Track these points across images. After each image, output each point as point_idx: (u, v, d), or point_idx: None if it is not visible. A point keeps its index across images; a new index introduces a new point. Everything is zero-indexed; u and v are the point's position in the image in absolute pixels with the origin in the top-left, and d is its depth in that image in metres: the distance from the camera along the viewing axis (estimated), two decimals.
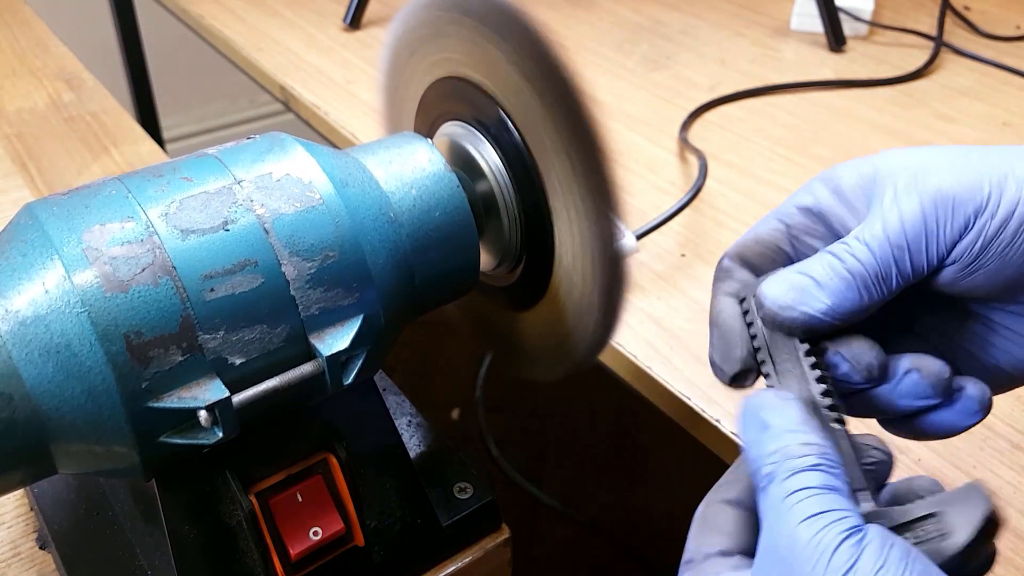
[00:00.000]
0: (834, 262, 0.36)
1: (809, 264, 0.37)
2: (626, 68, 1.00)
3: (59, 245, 0.35)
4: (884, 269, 0.36)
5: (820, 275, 0.36)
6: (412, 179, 0.43)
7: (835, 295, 0.36)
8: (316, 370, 0.38)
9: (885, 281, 0.36)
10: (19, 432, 0.34)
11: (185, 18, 1.19)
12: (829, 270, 0.36)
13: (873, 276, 0.36)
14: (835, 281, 0.36)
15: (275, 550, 0.40)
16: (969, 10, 1.12)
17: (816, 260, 0.37)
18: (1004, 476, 0.51)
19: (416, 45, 0.48)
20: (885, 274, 0.36)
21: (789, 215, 0.39)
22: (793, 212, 0.39)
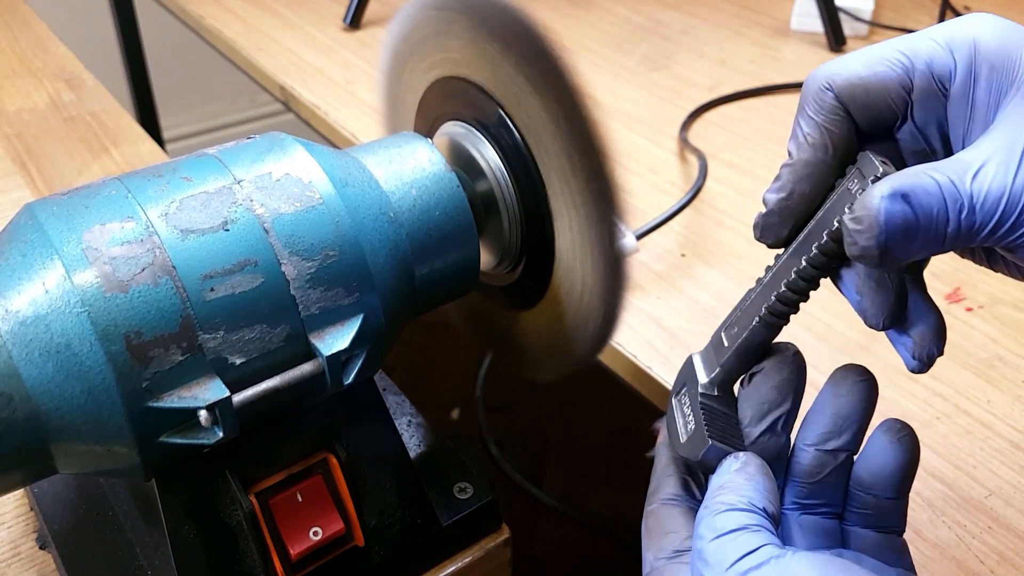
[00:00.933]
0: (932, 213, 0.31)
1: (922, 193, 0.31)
2: (626, 68, 1.00)
3: (59, 245, 0.35)
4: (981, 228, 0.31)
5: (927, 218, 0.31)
6: (412, 179, 0.43)
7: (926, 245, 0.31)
8: (316, 370, 0.38)
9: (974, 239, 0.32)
10: (19, 432, 0.34)
11: (185, 18, 1.19)
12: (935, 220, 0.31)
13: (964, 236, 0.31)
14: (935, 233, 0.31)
15: (275, 550, 0.40)
16: (969, 10, 1.12)
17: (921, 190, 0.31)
18: (1004, 476, 0.51)
19: (416, 45, 0.48)
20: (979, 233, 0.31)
21: (922, 75, 0.34)
22: (928, 75, 0.33)
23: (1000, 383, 0.57)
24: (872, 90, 0.34)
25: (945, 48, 0.33)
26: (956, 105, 0.33)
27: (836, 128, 0.35)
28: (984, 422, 0.55)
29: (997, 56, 0.32)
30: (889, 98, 0.34)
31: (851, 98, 0.35)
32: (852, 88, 0.35)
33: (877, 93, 0.34)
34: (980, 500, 0.50)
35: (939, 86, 0.33)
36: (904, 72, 0.34)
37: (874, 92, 0.34)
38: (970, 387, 0.57)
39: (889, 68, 0.34)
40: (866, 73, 0.34)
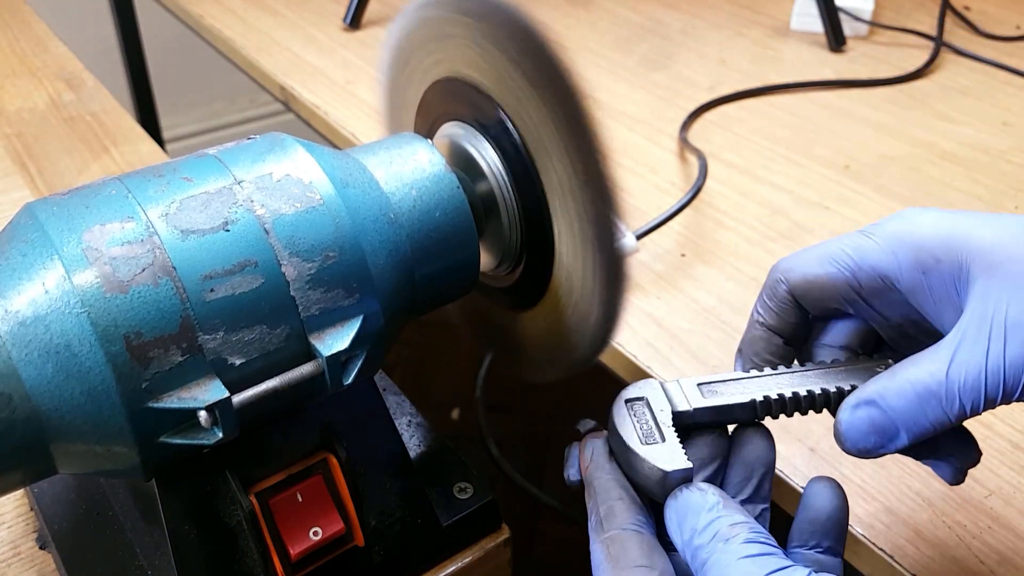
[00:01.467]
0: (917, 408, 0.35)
1: (892, 398, 0.35)
2: (626, 68, 1.00)
3: (59, 245, 0.35)
4: (971, 413, 0.34)
5: (902, 419, 0.35)
6: (412, 180, 0.43)
7: (914, 436, 0.35)
8: (316, 370, 0.38)
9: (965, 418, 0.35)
10: (19, 432, 0.34)
11: (185, 18, 1.19)
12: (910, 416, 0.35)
13: (958, 419, 0.35)
14: (917, 427, 0.35)
15: (275, 550, 0.40)
16: (969, 10, 1.12)
17: (899, 395, 0.35)
18: (1004, 476, 0.51)
19: (416, 45, 0.48)
20: (968, 415, 0.35)
21: (867, 276, 0.37)
22: (873, 275, 0.37)
23: None
24: (823, 288, 0.38)
25: (888, 251, 0.36)
26: (915, 295, 0.36)
27: (786, 316, 0.40)
28: (984, 422, 0.55)
29: (941, 249, 0.35)
30: (838, 295, 0.38)
31: (803, 293, 0.39)
32: (805, 284, 0.38)
33: (827, 291, 0.38)
34: (980, 500, 0.50)
35: (887, 283, 0.37)
36: (852, 273, 0.37)
37: (825, 290, 0.38)
38: None
39: (838, 270, 0.37)
40: (819, 272, 0.38)
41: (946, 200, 0.76)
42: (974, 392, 0.34)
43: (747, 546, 0.33)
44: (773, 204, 0.76)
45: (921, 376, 0.35)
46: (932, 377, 0.34)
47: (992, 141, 0.85)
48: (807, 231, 0.72)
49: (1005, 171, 0.80)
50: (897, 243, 0.36)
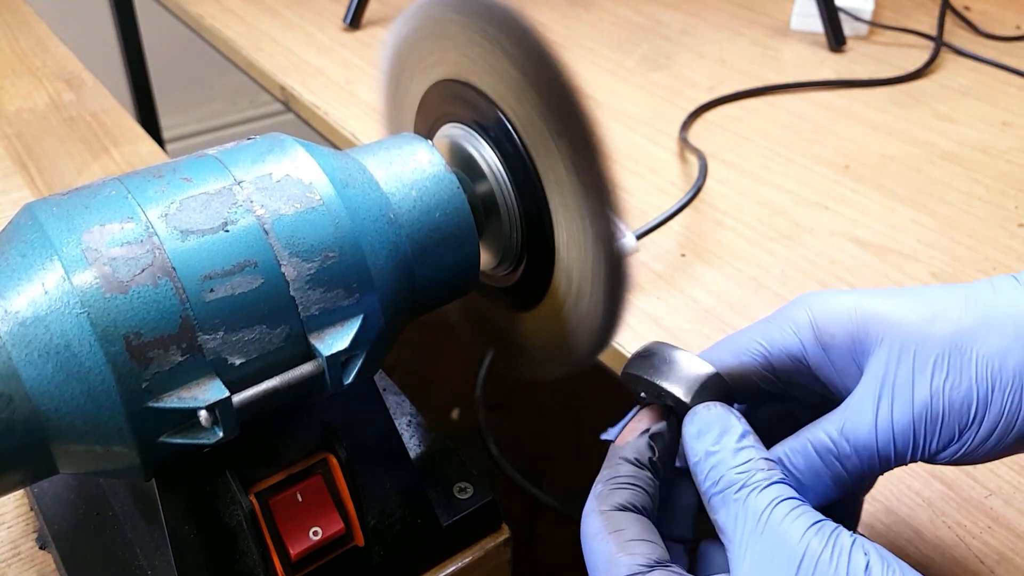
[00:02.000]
0: (819, 466, 0.37)
1: (796, 458, 0.37)
2: (626, 68, 1.00)
3: (59, 246, 0.35)
4: (868, 470, 0.36)
5: (806, 477, 0.37)
6: (412, 180, 0.43)
7: (817, 495, 0.37)
8: (316, 370, 0.38)
9: (866, 478, 0.37)
10: (19, 432, 0.34)
11: (185, 18, 1.19)
12: (813, 474, 0.37)
13: (857, 478, 0.37)
14: (820, 486, 0.37)
15: (275, 550, 0.40)
16: (969, 10, 1.12)
17: (802, 455, 0.37)
18: (1004, 476, 0.51)
19: (417, 46, 0.48)
20: (868, 473, 0.36)
21: (778, 359, 0.39)
22: (783, 357, 0.39)
23: None
24: (741, 376, 0.40)
25: (792, 333, 0.39)
26: (822, 370, 0.39)
27: None
28: None
29: (835, 327, 0.38)
30: (756, 380, 0.40)
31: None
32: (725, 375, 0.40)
33: (745, 378, 0.40)
34: (980, 500, 0.50)
35: (795, 362, 0.39)
36: (764, 359, 0.39)
37: (744, 378, 0.40)
38: None
39: (751, 358, 0.40)
40: (734, 363, 0.40)
41: (946, 200, 0.76)
42: (866, 451, 0.36)
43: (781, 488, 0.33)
44: (773, 204, 0.75)
45: (818, 435, 0.37)
46: (829, 439, 0.36)
47: (992, 141, 0.85)
48: (807, 231, 0.72)
49: (1005, 171, 0.80)
50: (798, 327, 0.39)
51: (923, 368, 0.36)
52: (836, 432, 0.36)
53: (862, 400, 0.37)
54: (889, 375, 0.36)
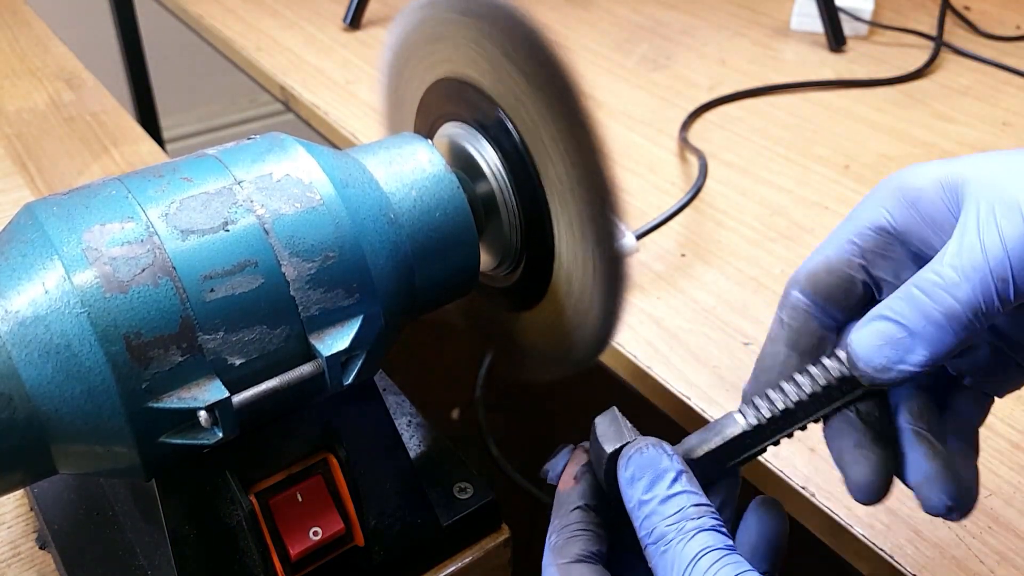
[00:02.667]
0: (925, 302, 0.32)
1: (896, 304, 0.33)
2: (626, 68, 1.00)
3: (59, 245, 0.35)
4: (985, 303, 0.31)
5: (912, 320, 0.33)
6: (412, 180, 0.43)
7: (931, 344, 0.32)
8: (316, 370, 0.38)
9: (986, 315, 0.32)
10: (19, 432, 0.34)
11: (185, 18, 1.19)
12: (921, 314, 0.32)
13: (972, 313, 0.32)
14: (930, 328, 0.32)
15: (275, 550, 0.40)
16: (969, 10, 1.12)
17: (904, 299, 0.33)
18: (1004, 476, 0.51)
19: (417, 45, 0.48)
20: (986, 308, 0.31)
21: (862, 235, 0.36)
22: (866, 232, 0.36)
23: None
24: (828, 268, 0.37)
25: (874, 206, 0.36)
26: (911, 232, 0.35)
27: (802, 324, 0.38)
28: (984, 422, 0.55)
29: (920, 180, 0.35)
30: (844, 269, 0.37)
31: (813, 285, 0.38)
32: (811, 277, 0.38)
33: (832, 269, 0.37)
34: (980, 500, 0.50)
35: (883, 234, 0.36)
36: (849, 242, 0.37)
37: (831, 269, 0.37)
38: None
39: (835, 247, 0.37)
40: (819, 260, 0.37)
41: None
42: (978, 274, 0.31)
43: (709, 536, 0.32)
44: (773, 204, 0.75)
45: (924, 275, 0.33)
46: (934, 272, 0.32)
47: (992, 141, 0.85)
48: (807, 231, 0.72)
49: None
50: (880, 198, 0.36)
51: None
52: (939, 264, 0.32)
53: (964, 230, 0.32)
54: (991, 201, 0.32)
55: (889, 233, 0.36)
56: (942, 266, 0.32)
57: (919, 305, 0.32)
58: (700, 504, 0.33)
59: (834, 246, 0.37)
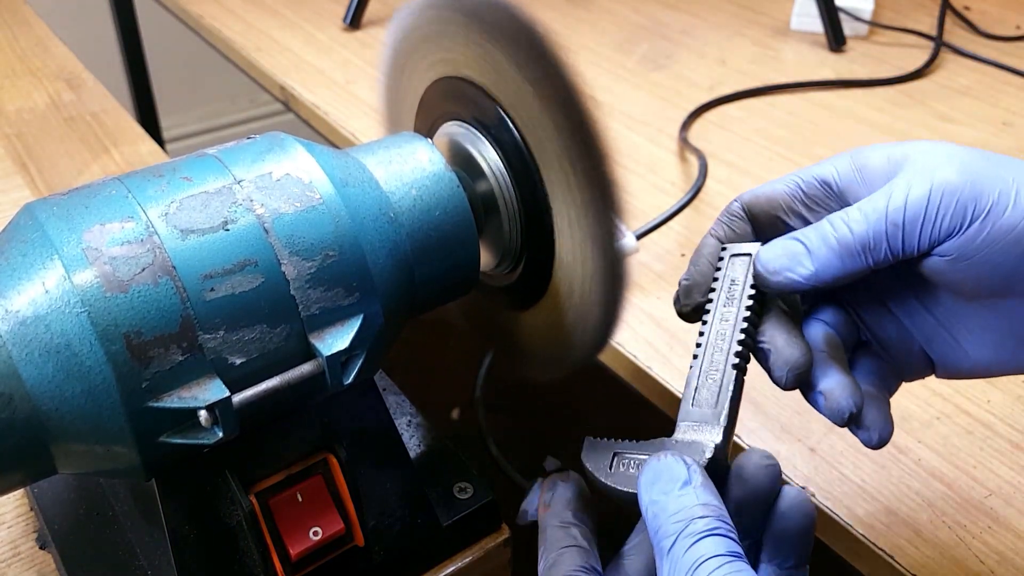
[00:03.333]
0: (828, 230, 0.38)
1: (806, 231, 0.39)
2: (626, 68, 1.00)
3: (59, 245, 0.35)
4: (874, 241, 0.37)
5: (812, 242, 0.38)
6: (412, 179, 0.43)
7: (819, 262, 0.38)
8: (316, 370, 0.38)
9: (872, 252, 0.37)
10: (19, 432, 0.34)
11: (185, 18, 1.19)
12: (821, 238, 0.38)
13: (860, 246, 0.37)
14: (823, 250, 0.38)
15: (275, 550, 0.40)
16: (969, 10, 1.12)
17: (813, 227, 0.39)
18: (1004, 476, 0.51)
19: (416, 45, 0.48)
20: (874, 246, 0.37)
21: (808, 183, 0.41)
22: (813, 181, 0.41)
23: (1000, 383, 0.57)
24: (769, 198, 0.42)
25: (829, 164, 0.41)
26: (851, 190, 0.40)
27: (735, 227, 0.43)
28: (984, 422, 0.55)
29: (872, 152, 0.40)
30: (781, 203, 0.42)
31: (751, 203, 0.43)
32: (753, 197, 0.42)
33: (772, 200, 0.42)
34: (980, 500, 0.50)
35: (825, 188, 0.41)
36: (795, 185, 0.41)
37: (771, 199, 0.42)
38: (970, 387, 0.57)
39: (783, 184, 0.42)
40: (766, 188, 0.42)
41: None
42: (876, 215, 0.37)
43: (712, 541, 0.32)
44: None
45: (836, 214, 0.39)
46: (844, 211, 0.38)
47: (993, 141, 0.85)
48: None
49: None
50: (835, 158, 0.41)
51: (950, 162, 0.36)
52: (852, 208, 0.38)
53: (884, 190, 0.38)
54: (915, 172, 0.37)
55: (831, 187, 0.40)
56: (853, 208, 0.38)
57: (821, 231, 0.38)
58: (708, 504, 0.33)
59: (783, 183, 0.42)
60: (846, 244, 0.37)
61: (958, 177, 0.36)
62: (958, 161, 0.37)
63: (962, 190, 0.36)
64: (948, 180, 0.36)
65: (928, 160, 0.37)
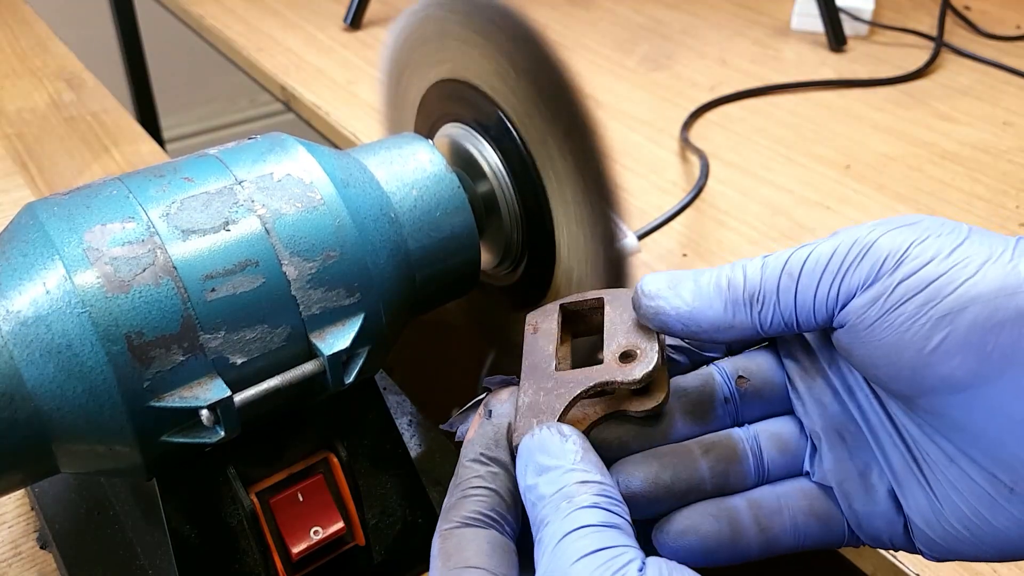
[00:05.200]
0: (723, 270, 0.32)
1: (703, 269, 0.32)
2: (626, 68, 1.00)
3: (60, 245, 0.35)
4: (765, 291, 0.31)
5: (703, 279, 0.32)
6: (413, 179, 0.43)
7: (700, 299, 0.31)
8: (317, 369, 0.38)
9: (759, 304, 0.31)
10: (20, 432, 0.34)
11: (185, 18, 1.19)
12: (712, 276, 0.32)
13: (748, 295, 0.31)
14: (709, 287, 0.31)
15: (276, 549, 0.40)
16: (969, 10, 1.12)
17: (711, 268, 0.32)
18: None
19: (417, 46, 0.48)
20: (762, 297, 0.31)
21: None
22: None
23: None
24: None
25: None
26: None
27: None
28: None
29: None
30: None
31: None
32: None
33: None
34: None
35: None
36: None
37: None
38: None
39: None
40: None
41: (947, 200, 0.76)
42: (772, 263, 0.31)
43: (586, 513, 0.28)
44: (774, 204, 0.75)
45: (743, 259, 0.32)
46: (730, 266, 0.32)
47: (993, 141, 0.85)
48: (808, 231, 0.72)
49: (1006, 171, 0.80)
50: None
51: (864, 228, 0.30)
52: (757, 257, 0.32)
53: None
54: None
55: None
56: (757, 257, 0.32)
57: (717, 271, 0.32)
58: (587, 482, 0.29)
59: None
60: (736, 288, 0.31)
61: (871, 234, 0.30)
62: (884, 225, 0.30)
63: (870, 244, 0.29)
64: (857, 236, 0.30)
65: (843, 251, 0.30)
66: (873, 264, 0.29)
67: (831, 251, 0.30)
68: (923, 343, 0.28)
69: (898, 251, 0.29)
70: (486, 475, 0.31)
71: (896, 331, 0.28)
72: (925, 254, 0.28)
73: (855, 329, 0.29)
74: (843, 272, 0.29)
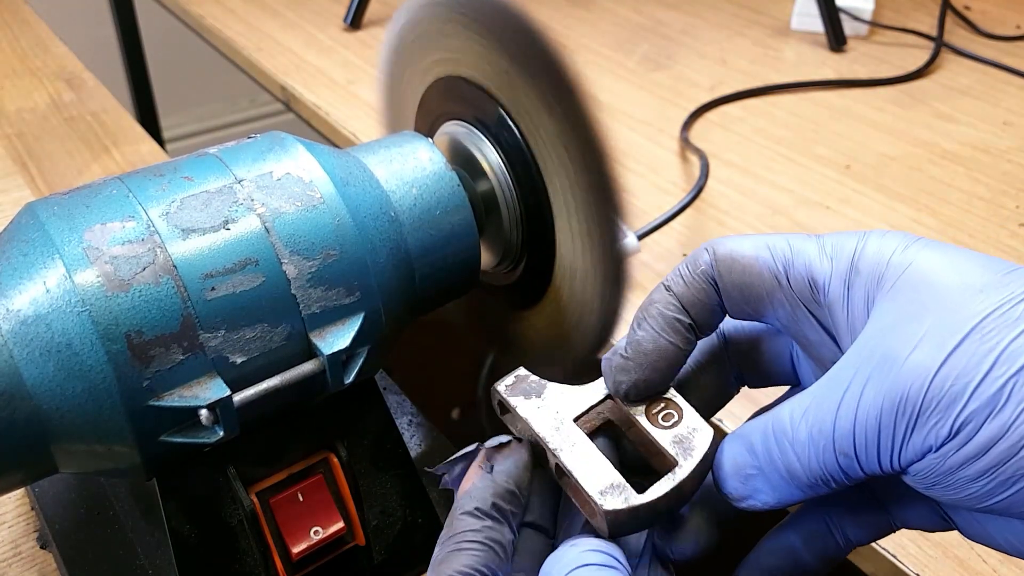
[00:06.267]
0: (775, 453, 0.30)
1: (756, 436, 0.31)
2: (627, 68, 1.00)
3: (60, 244, 0.35)
4: (827, 475, 0.29)
5: (763, 461, 0.31)
6: (413, 178, 0.43)
7: (777, 492, 0.31)
8: (317, 369, 0.38)
9: (830, 483, 0.30)
10: (20, 432, 0.34)
11: (185, 18, 1.19)
12: (771, 463, 0.30)
13: (813, 480, 0.30)
14: (775, 477, 0.30)
15: (276, 549, 0.40)
16: (969, 10, 1.12)
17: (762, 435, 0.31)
18: None
19: (416, 44, 0.48)
20: (829, 478, 0.29)
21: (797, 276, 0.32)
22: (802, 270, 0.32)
23: None
24: (747, 270, 0.33)
25: (828, 256, 0.32)
26: (835, 308, 0.31)
27: (697, 290, 0.33)
28: None
29: (869, 261, 0.30)
30: (762, 285, 0.33)
31: (725, 270, 0.33)
32: (729, 260, 0.33)
33: (750, 274, 0.33)
34: None
35: (813, 289, 0.32)
36: (783, 266, 0.32)
37: (749, 273, 0.33)
38: None
39: (771, 257, 0.32)
40: (748, 252, 0.33)
41: (947, 199, 0.76)
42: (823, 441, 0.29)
43: None
44: (774, 204, 0.75)
45: (783, 412, 0.30)
46: (790, 414, 0.30)
47: (993, 141, 0.85)
48: (808, 231, 0.72)
49: (1006, 171, 0.80)
50: (838, 251, 0.31)
51: (933, 337, 0.27)
52: (799, 412, 0.30)
53: (842, 368, 0.29)
54: (880, 343, 0.28)
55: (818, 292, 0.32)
56: (799, 415, 0.30)
57: (769, 449, 0.30)
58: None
59: (768, 250, 0.33)
60: (797, 478, 0.30)
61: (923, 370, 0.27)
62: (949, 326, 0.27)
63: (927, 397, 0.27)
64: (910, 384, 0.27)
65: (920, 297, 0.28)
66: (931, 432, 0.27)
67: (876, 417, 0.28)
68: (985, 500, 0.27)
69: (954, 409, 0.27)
70: (482, 529, 0.31)
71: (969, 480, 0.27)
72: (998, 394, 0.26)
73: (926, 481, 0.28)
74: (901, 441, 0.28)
